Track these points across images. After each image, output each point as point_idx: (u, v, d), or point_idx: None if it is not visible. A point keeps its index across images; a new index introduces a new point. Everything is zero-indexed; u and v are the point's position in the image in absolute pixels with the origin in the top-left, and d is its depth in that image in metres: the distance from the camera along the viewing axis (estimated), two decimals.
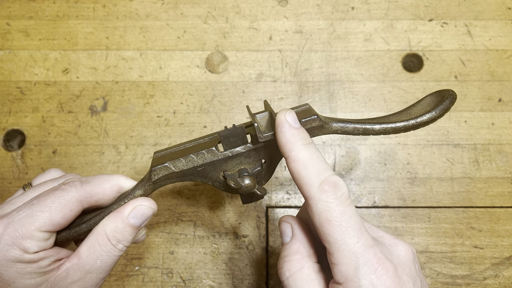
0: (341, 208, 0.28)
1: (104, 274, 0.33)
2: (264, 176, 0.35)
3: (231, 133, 0.34)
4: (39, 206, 0.31)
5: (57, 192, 0.32)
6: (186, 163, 0.34)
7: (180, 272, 0.48)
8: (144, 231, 0.36)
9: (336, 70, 0.53)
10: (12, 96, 0.52)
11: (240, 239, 0.48)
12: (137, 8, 0.55)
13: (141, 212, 0.33)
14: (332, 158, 0.50)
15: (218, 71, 0.53)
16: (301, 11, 0.54)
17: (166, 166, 0.34)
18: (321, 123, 0.33)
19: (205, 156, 0.34)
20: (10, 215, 0.31)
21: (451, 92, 0.34)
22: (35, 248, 0.31)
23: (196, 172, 0.34)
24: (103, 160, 0.50)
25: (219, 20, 0.54)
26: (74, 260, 0.32)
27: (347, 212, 0.28)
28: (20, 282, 0.31)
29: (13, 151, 0.51)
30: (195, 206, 0.49)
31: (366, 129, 0.33)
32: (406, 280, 0.28)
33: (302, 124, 0.33)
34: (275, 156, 0.34)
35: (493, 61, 0.53)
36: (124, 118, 0.51)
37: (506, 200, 0.49)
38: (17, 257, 0.30)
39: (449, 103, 0.33)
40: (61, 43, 0.54)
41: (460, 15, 0.54)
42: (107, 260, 0.32)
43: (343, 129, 0.33)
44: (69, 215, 0.32)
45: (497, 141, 0.50)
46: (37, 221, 0.31)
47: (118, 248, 0.33)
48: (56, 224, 0.32)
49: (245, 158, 0.34)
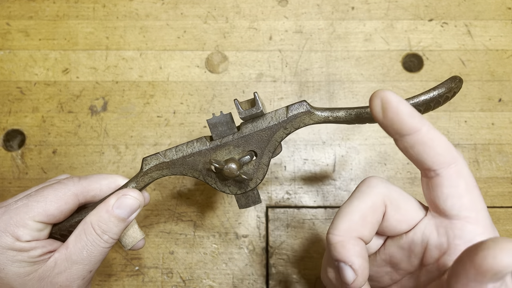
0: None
1: (91, 267, 0.33)
2: (257, 172, 0.35)
3: (218, 121, 0.34)
4: (35, 197, 0.32)
5: (55, 185, 0.33)
6: (176, 152, 0.34)
7: (180, 272, 0.48)
8: (142, 238, 0.36)
9: (336, 70, 0.53)
10: (12, 96, 0.52)
11: (240, 239, 0.48)
12: (137, 8, 0.55)
13: (126, 202, 0.33)
14: (332, 158, 0.50)
15: (218, 71, 0.53)
16: (301, 11, 0.54)
17: (157, 155, 0.34)
18: (308, 108, 0.33)
19: (194, 145, 0.34)
20: (8, 204, 0.32)
21: (456, 76, 0.33)
22: (27, 237, 0.31)
23: (186, 163, 0.34)
24: (103, 160, 0.50)
25: (219, 20, 0.54)
26: (62, 251, 0.32)
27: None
28: (9, 269, 0.31)
29: (13, 151, 0.51)
30: (195, 206, 0.49)
31: (359, 113, 0.32)
32: None
33: (288, 109, 0.33)
34: (265, 150, 0.34)
35: (493, 61, 0.53)
36: (124, 118, 0.51)
37: (506, 200, 0.49)
38: (9, 244, 0.31)
39: (450, 81, 0.32)
40: (61, 43, 0.54)
41: (460, 15, 0.54)
42: (93, 250, 0.32)
43: (334, 115, 0.33)
44: (64, 207, 0.33)
45: (497, 141, 0.50)
46: (32, 210, 0.32)
47: (103, 239, 0.32)
48: (50, 215, 0.32)
49: (234, 148, 0.34)
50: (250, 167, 0.35)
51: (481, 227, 0.26)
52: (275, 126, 0.34)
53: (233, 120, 0.34)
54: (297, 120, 0.34)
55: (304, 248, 0.48)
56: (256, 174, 0.35)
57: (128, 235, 0.36)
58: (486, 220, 0.27)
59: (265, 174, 0.35)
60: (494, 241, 0.21)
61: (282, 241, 0.48)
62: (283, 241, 0.48)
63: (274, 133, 0.34)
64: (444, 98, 0.32)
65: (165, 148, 0.50)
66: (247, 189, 0.35)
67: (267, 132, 0.34)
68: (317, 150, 0.50)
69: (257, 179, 0.35)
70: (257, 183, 0.35)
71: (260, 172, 0.35)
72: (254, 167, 0.35)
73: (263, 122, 0.34)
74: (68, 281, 0.32)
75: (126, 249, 0.36)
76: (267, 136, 0.34)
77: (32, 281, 0.31)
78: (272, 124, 0.34)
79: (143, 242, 0.37)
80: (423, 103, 0.32)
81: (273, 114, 0.34)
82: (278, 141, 0.34)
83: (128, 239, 0.36)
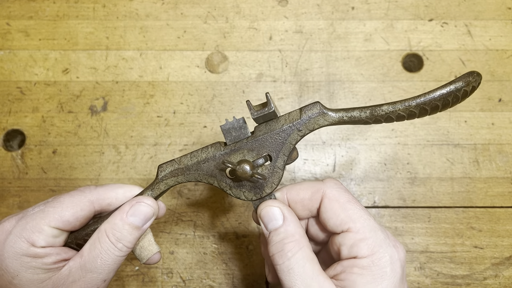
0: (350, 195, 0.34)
1: (105, 275, 0.32)
2: (272, 176, 0.34)
3: (232, 126, 0.34)
4: (52, 203, 0.32)
5: (71, 192, 0.33)
6: (191, 158, 0.34)
7: (180, 272, 0.48)
8: (158, 251, 0.35)
9: (336, 70, 0.53)
10: (12, 96, 0.52)
11: (240, 239, 0.48)
12: (137, 8, 0.55)
13: (140, 210, 0.33)
14: (332, 158, 0.50)
15: (218, 71, 0.53)
16: (301, 11, 0.54)
17: (172, 161, 0.34)
18: (322, 109, 0.33)
19: (209, 150, 0.34)
20: (26, 211, 0.33)
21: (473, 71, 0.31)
22: (42, 242, 0.31)
23: (201, 169, 0.34)
24: (103, 160, 0.50)
25: (219, 20, 0.54)
26: (77, 259, 0.32)
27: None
28: (23, 275, 0.31)
29: (13, 151, 0.51)
30: (195, 206, 0.49)
31: (374, 112, 0.32)
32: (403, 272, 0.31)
33: (302, 111, 0.33)
34: (280, 153, 0.34)
35: (493, 61, 0.53)
36: (124, 118, 0.51)
37: (506, 200, 0.49)
38: (24, 250, 0.31)
39: (468, 75, 0.30)
40: (61, 43, 0.54)
41: (460, 15, 0.54)
42: (107, 259, 0.32)
43: (348, 114, 0.32)
44: (80, 214, 0.33)
45: (497, 141, 0.50)
46: (48, 216, 0.32)
47: (117, 247, 0.32)
48: (66, 221, 0.32)
49: (249, 152, 0.34)
50: (265, 171, 0.34)
51: (362, 234, 0.31)
52: (289, 129, 0.33)
53: (246, 125, 0.34)
54: (311, 121, 0.33)
55: None
56: (271, 178, 0.34)
57: (144, 248, 0.35)
58: (367, 226, 0.31)
59: (280, 179, 0.34)
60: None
61: None
62: None
63: (288, 135, 0.33)
64: (463, 93, 0.30)
65: (165, 148, 0.50)
66: (262, 195, 0.34)
67: (281, 135, 0.33)
68: (317, 150, 0.50)
69: (273, 183, 0.34)
70: (273, 188, 0.34)
71: (275, 176, 0.34)
72: (269, 171, 0.34)
73: (276, 124, 0.33)
74: None
75: (141, 262, 0.35)
76: (281, 139, 0.33)
77: None
78: (286, 126, 0.33)
79: (159, 256, 0.36)
80: (440, 97, 0.30)
81: (286, 117, 0.33)
82: (292, 144, 0.33)
83: (144, 252, 0.35)
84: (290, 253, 0.30)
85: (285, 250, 0.30)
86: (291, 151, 0.34)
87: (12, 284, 0.31)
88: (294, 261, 0.30)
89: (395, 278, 0.30)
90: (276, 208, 0.32)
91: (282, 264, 0.30)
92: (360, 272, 0.30)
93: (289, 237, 0.31)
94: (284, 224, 0.32)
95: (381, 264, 0.30)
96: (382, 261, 0.30)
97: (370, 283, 0.29)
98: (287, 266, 0.30)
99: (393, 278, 0.30)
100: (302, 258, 0.30)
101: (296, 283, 0.29)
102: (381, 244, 0.30)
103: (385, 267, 0.30)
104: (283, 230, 0.31)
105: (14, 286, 0.31)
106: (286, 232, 0.31)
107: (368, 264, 0.30)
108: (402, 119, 0.32)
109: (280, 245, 0.31)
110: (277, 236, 0.31)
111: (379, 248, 0.30)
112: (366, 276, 0.29)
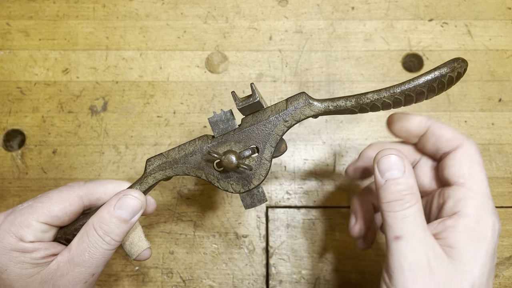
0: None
1: (93, 269, 0.32)
2: (260, 168, 0.34)
3: (219, 118, 0.34)
4: (41, 198, 0.32)
5: (60, 188, 0.34)
6: (178, 151, 0.34)
7: (180, 272, 0.48)
8: (148, 247, 0.36)
9: (336, 70, 0.53)
10: (12, 96, 0.52)
11: (240, 239, 0.48)
12: (137, 8, 0.55)
13: (127, 203, 0.33)
14: (332, 158, 0.50)
15: (218, 71, 0.53)
16: (301, 11, 0.54)
17: (160, 155, 0.34)
18: (307, 98, 0.33)
19: (196, 143, 0.34)
20: (15, 207, 0.33)
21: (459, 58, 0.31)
22: (30, 237, 0.31)
23: (189, 162, 0.34)
24: (103, 160, 0.50)
25: (219, 20, 0.54)
26: (65, 253, 0.32)
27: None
28: (11, 270, 0.31)
29: (13, 151, 0.51)
30: (195, 206, 0.49)
31: (359, 100, 0.32)
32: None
33: (288, 102, 0.33)
34: (267, 144, 0.34)
35: (493, 61, 0.53)
36: (124, 118, 0.51)
37: (506, 200, 0.49)
38: (12, 245, 0.31)
39: (453, 61, 0.30)
40: (61, 43, 0.54)
41: (460, 15, 0.54)
42: (95, 252, 0.32)
43: (334, 104, 0.33)
44: (69, 209, 0.33)
45: (497, 141, 0.50)
46: (36, 211, 0.32)
47: (105, 240, 0.32)
48: (54, 216, 0.32)
49: (236, 144, 0.34)
50: (252, 163, 0.34)
51: (474, 193, 0.31)
52: (275, 119, 0.33)
53: (234, 117, 0.34)
54: (297, 111, 0.33)
55: (304, 248, 0.48)
56: (258, 169, 0.34)
57: (134, 244, 0.35)
58: (482, 189, 0.31)
59: (268, 171, 0.34)
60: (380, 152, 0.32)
61: (282, 241, 0.48)
62: (283, 241, 0.48)
63: (274, 126, 0.33)
64: (448, 79, 0.30)
65: (165, 148, 0.50)
66: (250, 187, 0.34)
67: (267, 126, 0.33)
68: (317, 150, 0.50)
69: (260, 175, 0.34)
70: (260, 180, 0.34)
71: (262, 168, 0.34)
72: (256, 163, 0.34)
73: (262, 116, 0.34)
74: (71, 284, 0.32)
75: (132, 258, 0.35)
76: (268, 130, 0.34)
77: (34, 283, 0.31)
78: (272, 117, 0.33)
79: (149, 252, 0.36)
80: (425, 83, 0.30)
81: (272, 108, 0.34)
82: (279, 135, 0.34)
83: (134, 247, 0.35)
84: (408, 204, 0.30)
85: (405, 200, 0.31)
86: (278, 142, 0.34)
87: (0, 278, 0.31)
88: (410, 211, 0.30)
89: (494, 245, 0.30)
90: (398, 158, 0.32)
91: (398, 212, 0.30)
92: (463, 231, 0.30)
93: (409, 189, 0.31)
94: (404, 176, 0.31)
95: (484, 227, 0.30)
96: (486, 224, 0.30)
97: (472, 243, 0.30)
98: (403, 214, 0.30)
99: (493, 244, 0.30)
100: (418, 210, 0.31)
101: (408, 229, 0.30)
102: (488, 210, 0.31)
103: (487, 231, 0.30)
104: (404, 181, 0.31)
105: (2, 280, 0.31)
106: (407, 183, 0.31)
107: (473, 224, 0.30)
108: (388, 108, 0.32)
109: (399, 195, 0.31)
110: (396, 186, 0.31)
111: (486, 212, 0.31)
112: (469, 235, 0.30)
